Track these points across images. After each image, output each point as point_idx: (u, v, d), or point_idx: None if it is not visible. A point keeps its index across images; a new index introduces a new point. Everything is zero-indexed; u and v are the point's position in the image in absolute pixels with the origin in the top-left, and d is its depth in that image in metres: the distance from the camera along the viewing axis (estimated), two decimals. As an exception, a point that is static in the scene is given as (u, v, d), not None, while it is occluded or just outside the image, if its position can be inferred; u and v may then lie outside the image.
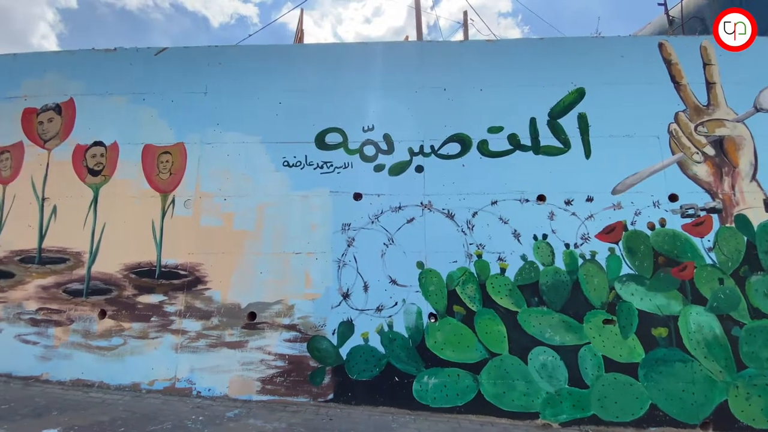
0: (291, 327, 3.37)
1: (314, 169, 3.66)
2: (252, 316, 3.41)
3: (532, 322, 3.27)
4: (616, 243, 3.37)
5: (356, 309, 3.39)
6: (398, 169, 3.63)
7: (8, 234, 3.72)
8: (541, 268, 3.37)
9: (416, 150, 3.64)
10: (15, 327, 3.52)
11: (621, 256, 3.33)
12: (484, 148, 3.61)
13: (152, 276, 3.51)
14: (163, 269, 3.52)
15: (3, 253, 3.67)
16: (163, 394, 3.28)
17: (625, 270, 3.30)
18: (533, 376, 3.18)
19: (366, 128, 3.72)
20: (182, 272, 3.50)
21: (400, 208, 3.53)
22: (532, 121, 3.63)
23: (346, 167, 3.65)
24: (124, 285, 3.51)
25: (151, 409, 3.00)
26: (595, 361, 3.14)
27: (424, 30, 10.01)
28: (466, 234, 3.44)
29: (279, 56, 4.01)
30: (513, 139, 3.61)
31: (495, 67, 3.81)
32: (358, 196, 3.59)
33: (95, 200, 3.69)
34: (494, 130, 3.63)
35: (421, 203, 3.53)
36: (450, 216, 3.48)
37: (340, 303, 3.40)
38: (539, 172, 3.55)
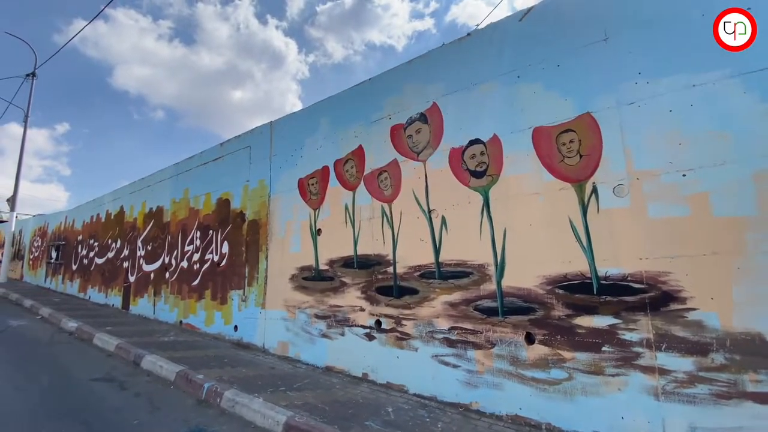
0: None
1: None
2: (805, 356, 2.03)
3: None
4: None
5: None
6: None
7: (403, 250, 3.74)
8: None
9: None
10: (430, 347, 3.39)
11: None
12: None
13: (589, 291, 2.67)
14: (603, 282, 2.62)
15: (402, 269, 3.70)
16: (656, 460, 2.30)
17: None
18: None
19: None
20: (636, 285, 2.50)
21: None
22: None
23: None
24: (550, 303, 2.81)
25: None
26: None
27: None
28: None
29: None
30: None
31: None
32: None
33: (486, 204, 3.23)
34: None
35: None
36: None
37: None
38: None
